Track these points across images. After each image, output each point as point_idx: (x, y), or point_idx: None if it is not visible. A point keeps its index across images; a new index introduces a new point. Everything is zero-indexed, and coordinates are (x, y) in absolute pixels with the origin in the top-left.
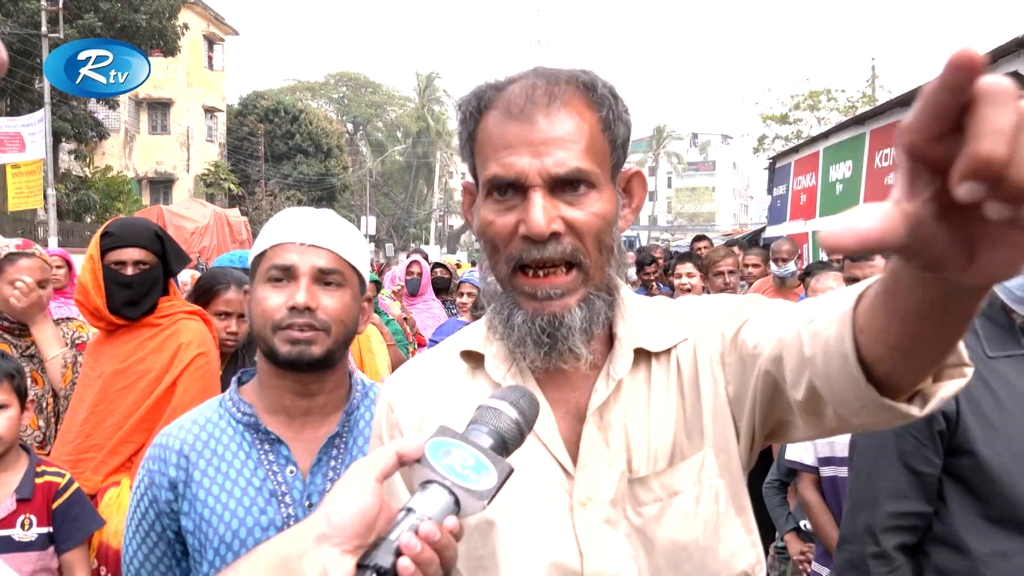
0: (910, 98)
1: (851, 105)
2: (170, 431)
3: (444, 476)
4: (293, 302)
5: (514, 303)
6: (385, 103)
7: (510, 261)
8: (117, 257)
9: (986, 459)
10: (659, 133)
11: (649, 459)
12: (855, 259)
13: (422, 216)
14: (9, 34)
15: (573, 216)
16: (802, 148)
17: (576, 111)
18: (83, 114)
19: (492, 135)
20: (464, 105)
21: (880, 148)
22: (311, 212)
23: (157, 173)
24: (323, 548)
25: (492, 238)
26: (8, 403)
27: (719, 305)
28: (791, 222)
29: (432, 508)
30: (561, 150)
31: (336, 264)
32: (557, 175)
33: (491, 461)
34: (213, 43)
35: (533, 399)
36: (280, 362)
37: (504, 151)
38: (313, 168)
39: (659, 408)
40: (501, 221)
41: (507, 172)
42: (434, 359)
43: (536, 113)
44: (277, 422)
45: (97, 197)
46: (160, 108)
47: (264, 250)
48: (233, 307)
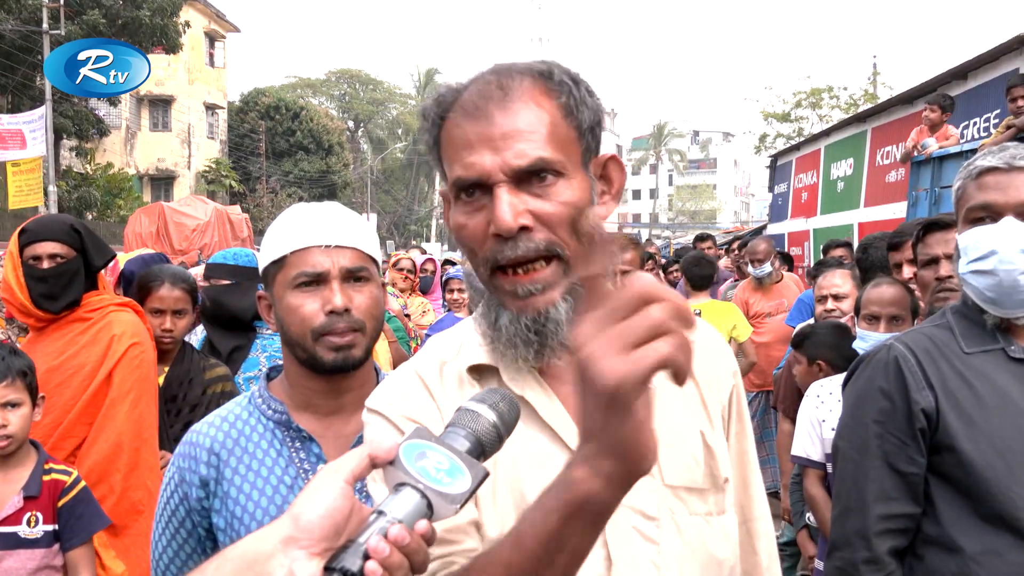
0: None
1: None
2: (200, 428)
3: (417, 479)
4: (331, 306)
5: (498, 304)
6: (386, 100)
7: (487, 262)
8: (33, 252)
9: (968, 455)
10: (660, 130)
11: (682, 468)
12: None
13: (423, 213)
14: (11, 30)
15: (541, 208)
16: (803, 146)
17: (533, 101)
18: (84, 111)
19: (453, 138)
20: (426, 112)
21: (881, 146)
22: (323, 210)
23: (158, 170)
24: (290, 550)
25: (467, 241)
26: (21, 400)
27: (720, 350)
28: (792, 220)
29: (403, 511)
30: (520, 142)
31: (361, 261)
32: (519, 167)
33: (466, 465)
34: (214, 40)
35: (513, 402)
36: (326, 369)
37: (465, 151)
38: (314, 165)
39: (676, 412)
40: (472, 223)
41: (469, 172)
42: (427, 369)
43: (491, 109)
44: (307, 419)
45: (98, 194)
46: (161, 105)
47: (284, 255)
48: (167, 304)
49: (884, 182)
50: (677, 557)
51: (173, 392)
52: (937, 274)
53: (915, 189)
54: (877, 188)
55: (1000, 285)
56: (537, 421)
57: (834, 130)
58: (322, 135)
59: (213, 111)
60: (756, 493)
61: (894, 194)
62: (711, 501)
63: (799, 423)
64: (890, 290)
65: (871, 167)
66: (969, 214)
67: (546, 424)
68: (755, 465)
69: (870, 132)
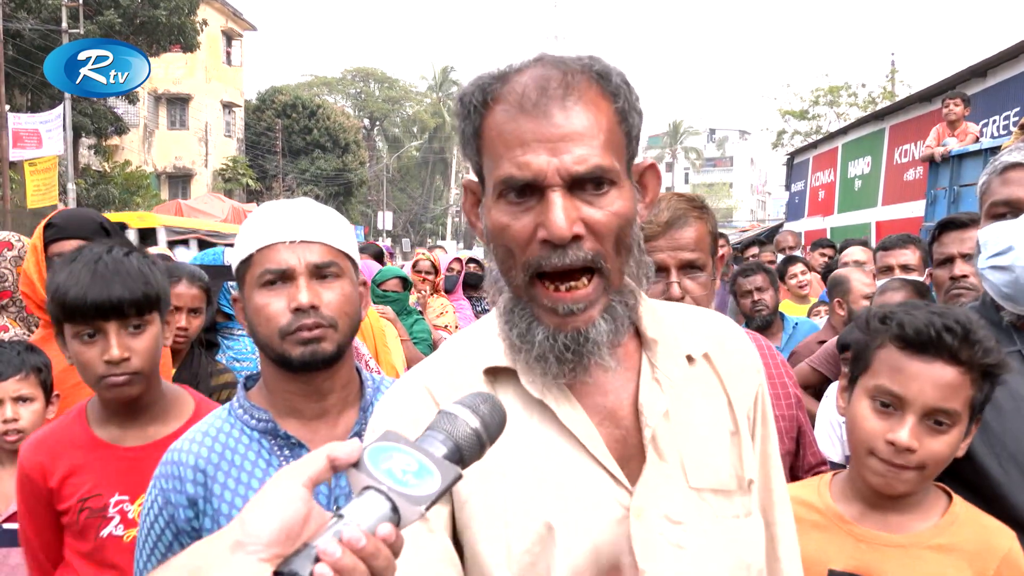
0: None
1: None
2: (180, 447)
3: (380, 481)
4: (296, 303)
5: (533, 316)
6: (402, 98)
7: (527, 268)
8: (59, 249)
9: (982, 460)
10: (676, 128)
11: (708, 470)
12: (887, 247)
13: (438, 212)
14: (31, 30)
15: (593, 216)
16: (820, 144)
17: (593, 103)
18: (103, 109)
19: (503, 132)
20: (466, 98)
21: (899, 144)
22: (291, 206)
23: (175, 168)
24: (238, 556)
25: (507, 243)
26: (34, 396)
27: (746, 350)
28: (809, 218)
29: (364, 514)
30: (580, 146)
31: (330, 256)
32: (577, 173)
33: (436, 466)
34: (231, 39)
35: (497, 406)
36: (295, 366)
37: (518, 149)
38: (330, 163)
39: (703, 413)
40: (517, 225)
41: (523, 172)
42: (435, 378)
43: (551, 107)
44: (293, 425)
45: (116, 192)
46: (179, 103)
47: (251, 254)
48: (184, 302)
49: (902, 180)
50: (704, 561)
51: None
52: (952, 273)
53: (933, 188)
54: (895, 186)
55: (1017, 282)
56: (557, 426)
57: (852, 128)
58: (338, 133)
59: (230, 109)
60: (779, 497)
61: (912, 192)
62: (738, 503)
63: (818, 424)
64: (897, 296)
65: (889, 165)
66: (991, 209)
67: (567, 430)
68: (778, 468)
69: (888, 130)
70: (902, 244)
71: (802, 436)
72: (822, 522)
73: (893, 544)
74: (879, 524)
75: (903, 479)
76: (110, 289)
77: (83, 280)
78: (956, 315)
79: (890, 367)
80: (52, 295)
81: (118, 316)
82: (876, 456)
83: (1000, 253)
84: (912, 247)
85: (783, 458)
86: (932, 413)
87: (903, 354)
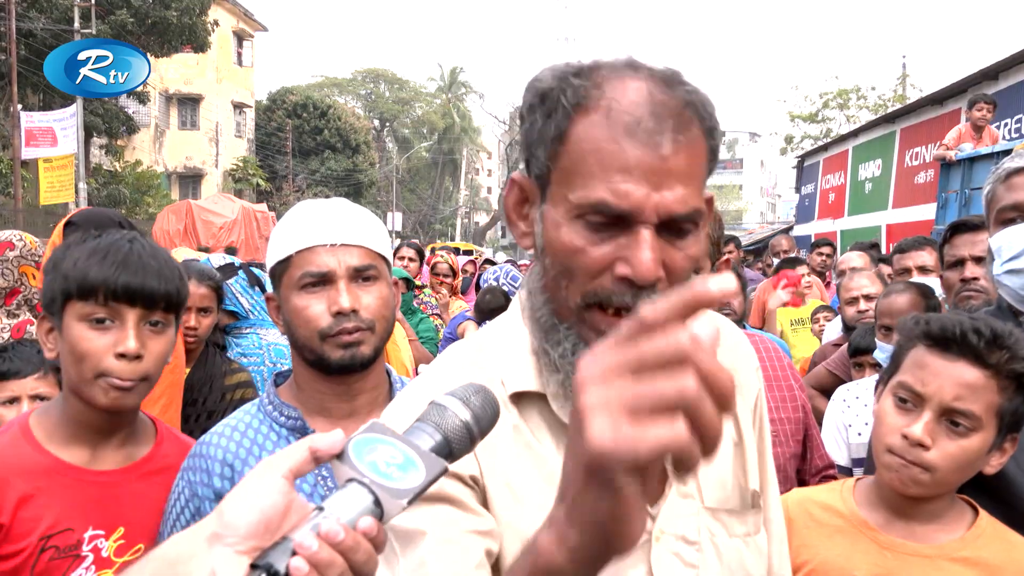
0: (942, 96)
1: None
2: (209, 440)
3: (363, 473)
4: (338, 307)
5: (580, 338)
6: (411, 99)
7: (590, 297)
8: None
9: (1015, 479)
10: None
11: (719, 487)
12: (904, 249)
13: (448, 212)
14: (43, 29)
15: (673, 259)
16: (831, 146)
17: (697, 139)
18: (114, 109)
19: (602, 149)
20: (554, 94)
21: (910, 147)
22: (329, 207)
23: (186, 168)
24: (215, 548)
25: (573, 267)
26: (51, 395)
27: (745, 352)
28: (819, 220)
29: (346, 507)
30: (683, 185)
31: (369, 259)
32: (677, 214)
33: (421, 458)
34: (242, 39)
35: (489, 399)
36: (333, 369)
37: (618, 175)
38: (340, 164)
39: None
40: (595, 253)
41: (619, 202)
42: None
43: (663, 137)
44: (322, 424)
45: (127, 191)
46: (190, 103)
47: (289, 255)
48: (193, 301)
49: (913, 183)
50: None
51: (193, 396)
52: (962, 275)
53: (945, 191)
54: (906, 189)
55: None
56: None
57: (862, 131)
58: (349, 134)
59: (241, 110)
60: (771, 498)
61: (923, 195)
62: (750, 522)
63: (825, 428)
64: (900, 298)
65: (900, 168)
66: (1000, 215)
67: None
68: (771, 467)
69: (899, 133)
70: (919, 246)
71: (809, 440)
72: (846, 528)
73: (918, 554)
74: (904, 533)
75: (915, 478)
76: (144, 273)
77: (114, 257)
78: (990, 321)
79: (914, 364)
80: (63, 268)
81: (144, 305)
82: (892, 452)
83: (1016, 256)
84: (929, 248)
85: (789, 461)
86: (949, 412)
87: (929, 352)
